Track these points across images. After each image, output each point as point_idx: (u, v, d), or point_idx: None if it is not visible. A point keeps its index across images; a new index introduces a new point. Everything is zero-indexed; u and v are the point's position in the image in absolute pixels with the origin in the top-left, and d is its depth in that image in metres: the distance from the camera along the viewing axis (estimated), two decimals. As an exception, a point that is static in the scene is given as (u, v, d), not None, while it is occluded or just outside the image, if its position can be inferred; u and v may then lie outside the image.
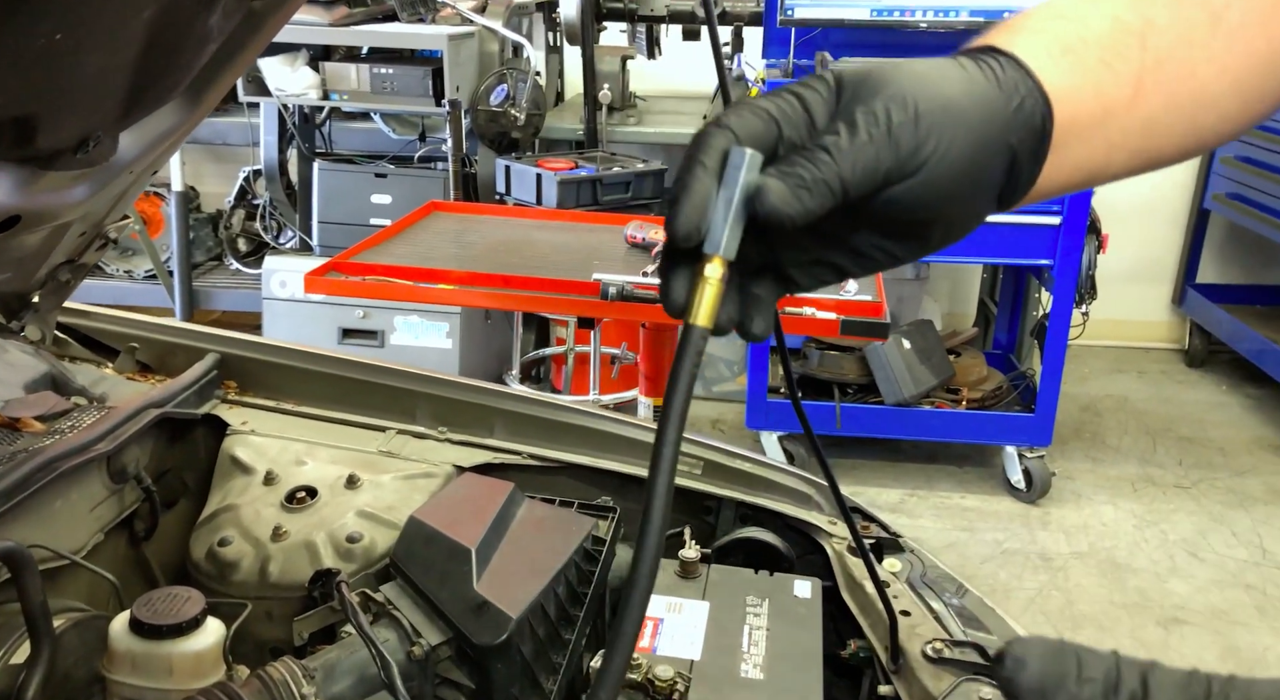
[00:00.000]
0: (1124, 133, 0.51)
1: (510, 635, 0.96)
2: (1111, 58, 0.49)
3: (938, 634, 1.07)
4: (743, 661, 1.03)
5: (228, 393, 1.32)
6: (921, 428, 3.18)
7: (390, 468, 1.23)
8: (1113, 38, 0.50)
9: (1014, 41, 0.49)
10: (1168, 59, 0.50)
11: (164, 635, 0.96)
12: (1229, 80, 0.52)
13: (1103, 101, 0.49)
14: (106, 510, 1.15)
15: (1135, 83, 0.50)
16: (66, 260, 1.21)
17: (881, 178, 0.44)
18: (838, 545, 1.24)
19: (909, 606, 1.12)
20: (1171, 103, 0.51)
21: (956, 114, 0.45)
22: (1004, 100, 0.46)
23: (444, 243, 2.05)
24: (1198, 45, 0.51)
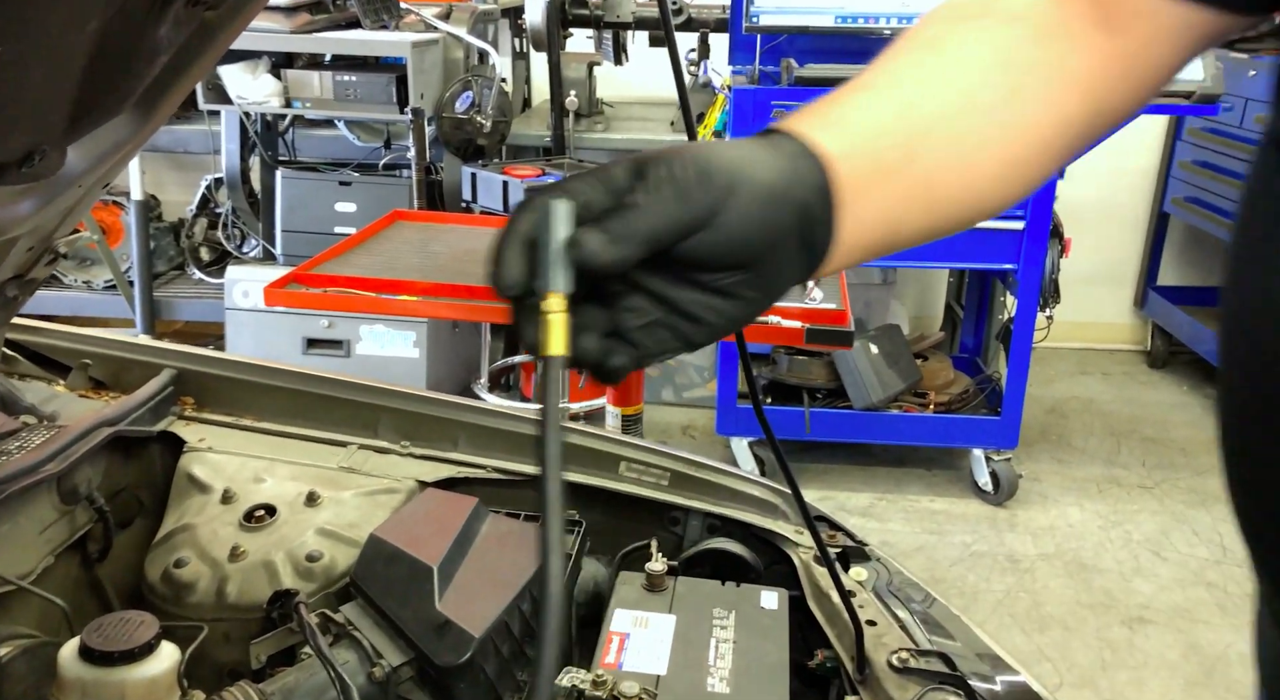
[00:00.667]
0: (908, 190, 0.57)
1: (473, 654, 0.94)
2: (881, 127, 0.56)
3: (904, 643, 1.07)
4: (709, 675, 1.02)
5: (184, 409, 1.30)
6: (890, 431, 3.20)
7: (351, 484, 1.22)
8: (880, 116, 0.57)
9: (789, 124, 0.56)
10: (932, 130, 0.57)
11: (115, 662, 0.93)
12: (989, 151, 0.59)
13: (880, 165, 0.56)
14: (57, 532, 1.12)
15: (907, 146, 0.57)
16: (14, 276, 1.18)
17: (683, 228, 0.50)
18: (804, 555, 1.24)
19: (875, 616, 1.12)
20: (944, 168, 0.58)
21: (741, 173, 0.51)
22: (785, 160, 0.53)
23: (408, 252, 2.03)
24: (956, 120, 0.58)
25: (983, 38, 0.60)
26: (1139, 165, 4.26)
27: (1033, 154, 0.61)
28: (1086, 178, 3.93)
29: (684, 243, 0.50)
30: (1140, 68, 0.62)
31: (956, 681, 1.01)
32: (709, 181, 0.50)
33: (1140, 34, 0.60)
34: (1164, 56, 0.62)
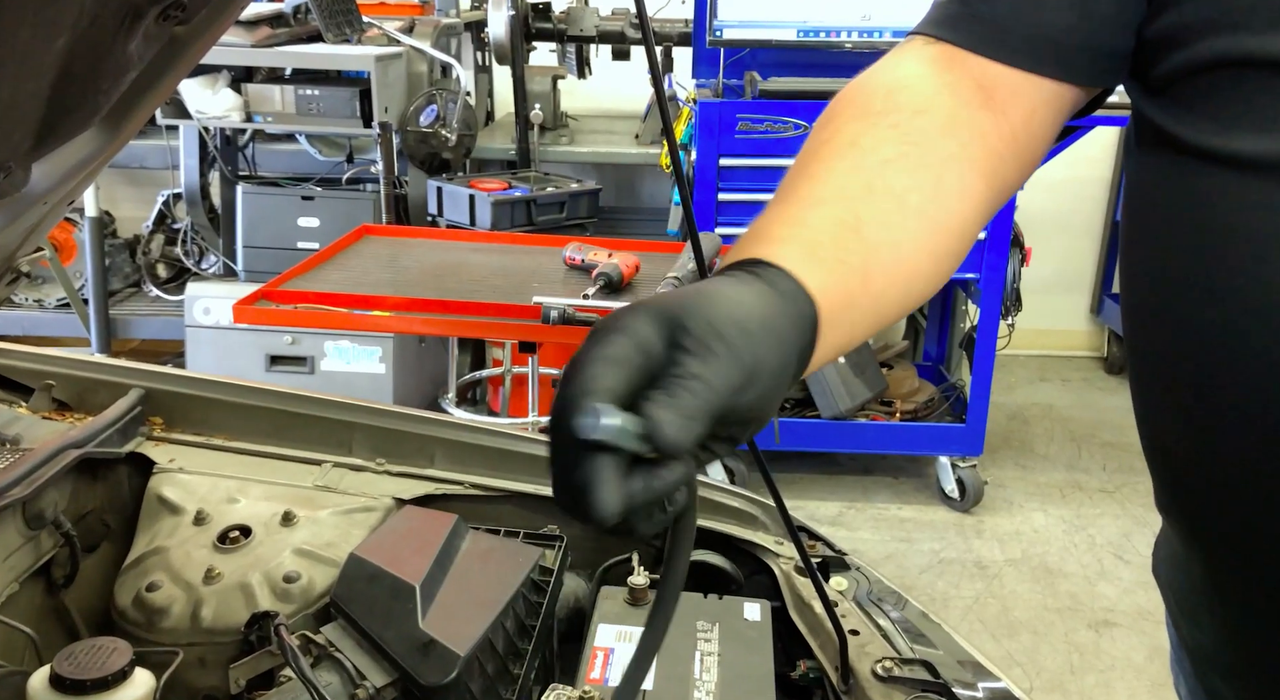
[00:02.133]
0: (863, 312, 0.61)
1: (459, 674, 0.93)
2: (844, 255, 0.59)
3: (886, 652, 1.08)
4: (695, 689, 1.02)
5: (153, 429, 1.27)
6: (857, 440, 3.23)
7: (327, 503, 1.20)
8: (840, 237, 0.59)
9: (772, 252, 0.57)
10: (880, 244, 0.61)
11: (87, 690, 0.91)
12: (924, 250, 0.64)
13: (847, 292, 0.59)
14: (21, 558, 1.09)
15: (864, 270, 0.60)
16: (-25, 295, 1.15)
17: (731, 401, 0.49)
18: (785, 565, 1.25)
19: (857, 625, 1.13)
20: (890, 279, 0.62)
21: (772, 328, 0.52)
22: (789, 310, 0.54)
23: (377, 267, 2.01)
24: (895, 228, 0.62)
25: (899, 137, 0.64)
26: (1094, 175, 4.37)
27: (954, 242, 0.66)
28: (1044, 188, 4.01)
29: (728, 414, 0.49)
30: (1024, 142, 0.68)
31: (940, 689, 1.02)
32: (750, 339, 0.49)
33: (1020, 111, 0.66)
34: (1042, 128, 0.68)
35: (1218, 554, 0.72)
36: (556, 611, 1.20)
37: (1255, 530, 0.65)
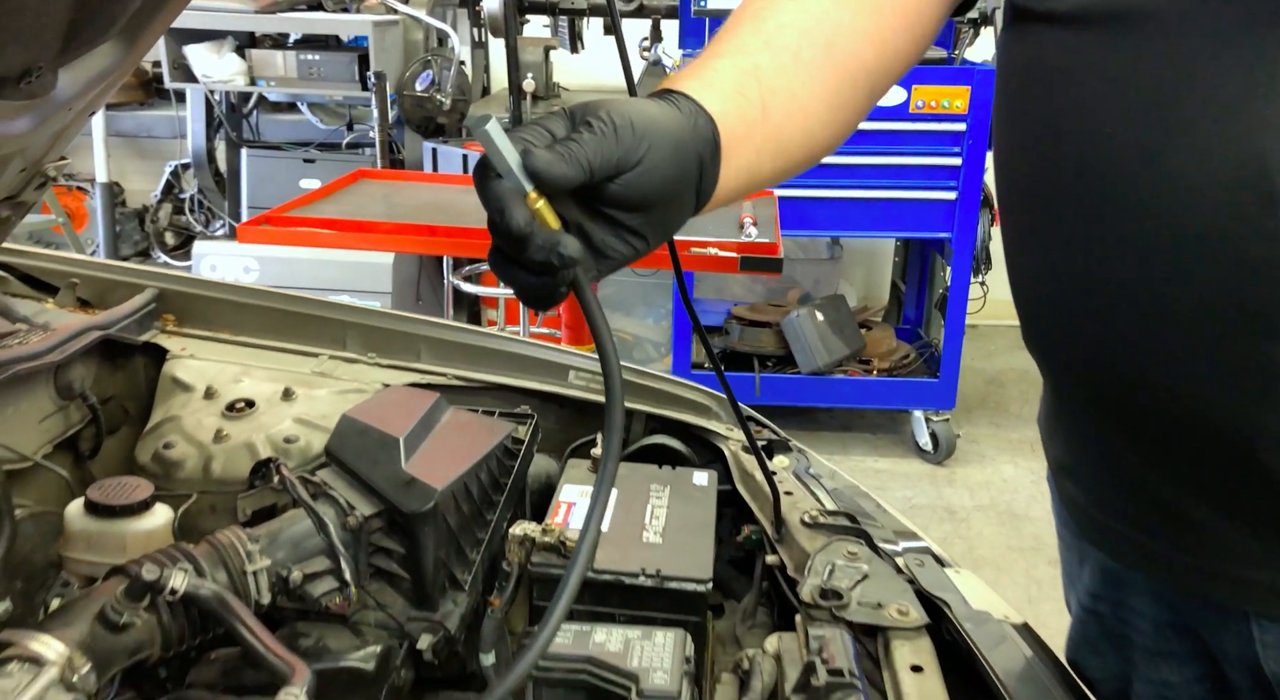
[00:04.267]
0: (764, 140, 0.72)
1: (436, 504, 1.07)
2: (743, 90, 0.71)
3: (814, 507, 1.22)
4: (645, 531, 1.16)
5: (166, 325, 1.41)
6: (835, 395, 3.37)
7: (323, 385, 1.34)
8: (738, 78, 0.71)
9: (681, 86, 0.69)
10: (777, 88, 0.72)
11: (117, 515, 1.05)
12: (817, 96, 0.75)
13: (746, 120, 0.70)
14: (54, 424, 1.23)
15: (761, 104, 0.71)
16: (6, 197, 1.29)
17: (614, 167, 0.60)
18: (733, 447, 1.39)
19: (792, 488, 1.27)
20: (788, 117, 0.73)
21: (661, 127, 0.62)
22: (688, 120, 0.65)
23: (372, 204, 2.15)
24: (789, 75, 0.73)
25: (796, 7, 0.76)
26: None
27: (847, 98, 0.78)
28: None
29: (611, 183, 0.60)
30: (913, 21, 0.80)
31: (859, 533, 1.16)
32: (636, 131, 0.60)
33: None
34: (930, 10, 0.80)
35: (1062, 378, 0.85)
36: (528, 485, 1.34)
37: (1084, 350, 0.79)
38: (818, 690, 0.89)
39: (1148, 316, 0.69)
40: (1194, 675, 0.83)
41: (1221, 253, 0.64)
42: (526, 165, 0.59)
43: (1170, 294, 0.67)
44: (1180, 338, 0.68)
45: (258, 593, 0.99)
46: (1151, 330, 0.69)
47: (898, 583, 1.08)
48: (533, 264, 0.61)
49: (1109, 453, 0.82)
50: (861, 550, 1.13)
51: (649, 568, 1.08)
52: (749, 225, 2.05)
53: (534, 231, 0.60)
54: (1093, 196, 0.71)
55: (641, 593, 1.08)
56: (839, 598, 1.04)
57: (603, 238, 0.63)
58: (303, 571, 1.03)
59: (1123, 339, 0.72)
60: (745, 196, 0.76)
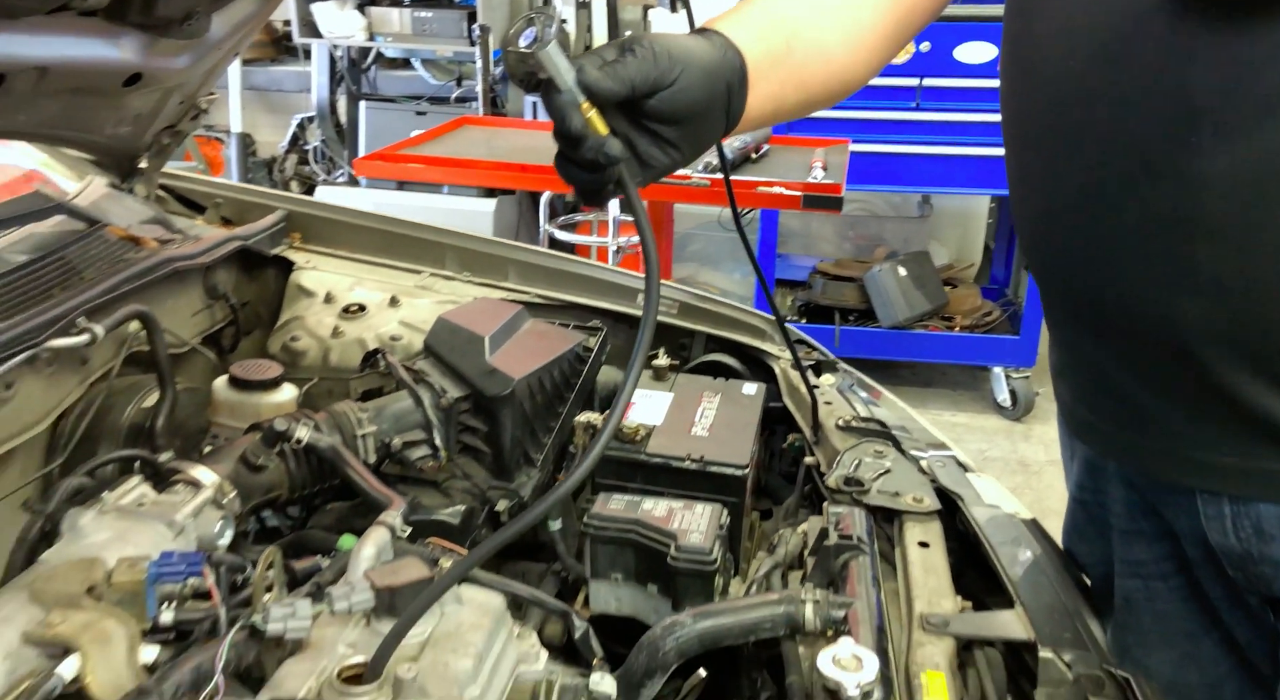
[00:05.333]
0: (788, 75, 0.85)
1: (513, 391, 1.25)
2: (769, 31, 0.84)
3: (850, 414, 1.34)
4: (693, 426, 1.31)
5: (293, 242, 1.63)
6: (915, 349, 3.43)
7: (424, 296, 1.53)
8: (768, 21, 0.85)
9: (717, 25, 0.83)
10: (801, 30, 0.86)
11: (254, 388, 1.27)
12: (837, 41, 0.88)
13: (771, 56, 0.83)
14: (203, 320, 1.47)
15: (786, 42, 0.85)
16: (167, 126, 1.52)
17: (653, 85, 0.73)
18: (784, 365, 1.52)
19: (832, 399, 1.40)
20: (809, 55, 0.86)
21: (694, 55, 0.76)
22: (719, 52, 0.79)
23: (473, 147, 2.34)
24: (812, 23, 0.87)
25: None
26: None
27: (867, 42, 0.91)
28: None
29: (649, 99, 0.74)
30: None
31: (887, 436, 1.28)
32: (672, 57, 0.74)
33: None
34: None
35: (1047, 289, 0.96)
36: (596, 389, 1.51)
37: (1058, 262, 0.89)
38: (828, 550, 1.04)
39: (1101, 228, 0.80)
40: (1161, 553, 0.94)
41: (1159, 167, 0.74)
42: (580, 81, 0.75)
43: (1120, 207, 0.78)
44: (1125, 245, 0.78)
45: (365, 453, 1.19)
46: (1105, 240, 0.80)
47: (918, 478, 1.20)
48: (584, 162, 0.76)
49: (1081, 353, 0.93)
50: (888, 450, 1.26)
51: (694, 454, 1.24)
52: (818, 169, 2.15)
53: (586, 134, 0.75)
54: (1062, 125, 0.82)
55: (686, 475, 1.23)
56: (860, 486, 1.17)
57: (646, 148, 0.78)
58: (402, 440, 1.23)
59: (1084, 251, 0.83)
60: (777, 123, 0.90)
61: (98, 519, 0.90)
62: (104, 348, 1.23)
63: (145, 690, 0.71)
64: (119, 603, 0.81)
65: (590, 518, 1.17)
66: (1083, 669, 0.84)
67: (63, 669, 0.74)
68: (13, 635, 0.76)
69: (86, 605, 0.79)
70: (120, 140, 1.43)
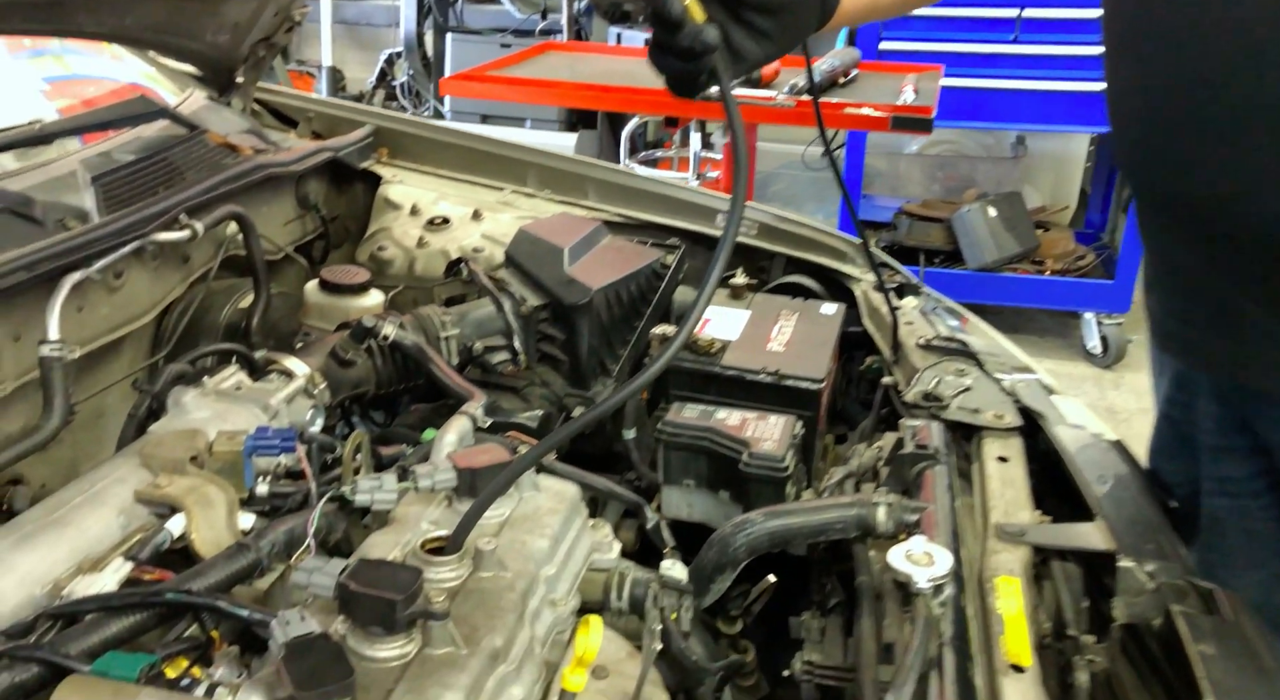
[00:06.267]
0: None
1: (591, 299, 1.26)
2: None
3: (931, 334, 1.32)
4: (770, 342, 1.31)
5: (381, 157, 1.66)
6: (1002, 293, 3.33)
7: (506, 211, 1.55)
8: None
9: None
10: None
11: (343, 292, 1.31)
12: None
13: None
14: (294, 229, 1.51)
15: None
16: (263, 37, 1.55)
17: None
18: (864, 287, 1.50)
19: (913, 320, 1.37)
20: None
21: None
22: None
23: (557, 71, 2.34)
24: None
25: None
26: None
27: None
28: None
29: None
30: None
31: (969, 355, 1.26)
32: None
33: None
34: None
35: (1142, 194, 0.92)
36: (672, 307, 1.51)
37: (1157, 162, 0.85)
38: (904, 459, 1.03)
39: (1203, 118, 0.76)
40: (1253, 470, 0.90)
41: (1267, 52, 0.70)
42: None
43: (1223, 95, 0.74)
44: (1226, 137, 0.74)
45: (448, 355, 1.22)
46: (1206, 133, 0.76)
47: (999, 395, 1.17)
48: (680, 50, 0.76)
49: (1176, 260, 0.89)
50: (969, 369, 1.23)
51: (770, 367, 1.23)
52: (908, 92, 2.08)
53: (684, 21, 0.75)
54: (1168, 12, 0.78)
55: (761, 388, 1.23)
56: (939, 401, 1.16)
57: (740, 40, 0.78)
58: (483, 344, 1.26)
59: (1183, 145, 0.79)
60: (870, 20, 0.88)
61: (199, 398, 0.95)
62: (203, 248, 1.29)
63: (244, 545, 0.75)
64: (219, 471, 0.86)
65: (664, 425, 1.18)
66: (1164, 578, 0.82)
67: (171, 525, 0.79)
68: (126, 494, 0.81)
69: (190, 471, 0.84)
70: (219, 49, 1.47)
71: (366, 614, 0.69)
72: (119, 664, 0.60)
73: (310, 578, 0.70)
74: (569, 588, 0.89)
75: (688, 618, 0.89)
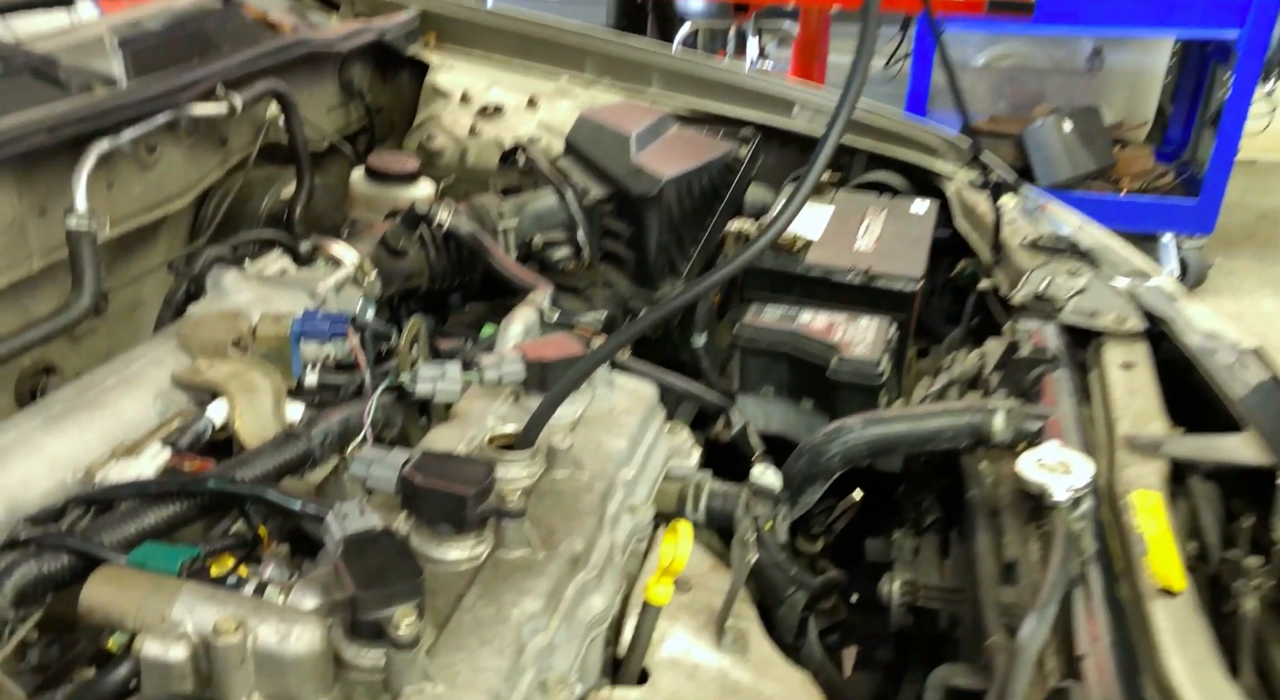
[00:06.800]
0: None
1: (662, 190, 1.15)
2: None
3: (1037, 233, 1.19)
4: (857, 240, 1.19)
5: (428, 42, 1.54)
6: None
7: (564, 99, 1.43)
8: None
9: None
10: None
11: (392, 181, 1.21)
12: None
13: None
14: (338, 118, 1.41)
15: None
16: (302, -91, 1.43)
17: None
18: (957, 185, 1.36)
19: (1015, 218, 1.24)
20: None
21: None
22: None
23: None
24: None
25: None
26: None
27: None
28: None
29: None
30: None
31: (1083, 255, 1.13)
32: None
33: None
34: None
35: None
36: (745, 207, 1.39)
37: None
38: (1019, 363, 0.92)
39: None
40: None
41: None
42: None
43: None
44: None
45: (506, 249, 1.12)
46: None
47: (1118, 298, 1.05)
48: None
49: None
50: (1083, 270, 1.10)
51: (860, 266, 1.12)
52: (1001, -25, 1.90)
53: None
54: None
55: (848, 290, 1.12)
56: (1052, 303, 1.04)
57: None
58: (543, 239, 1.16)
59: None
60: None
61: (241, 280, 0.87)
62: (241, 130, 1.19)
63: (293, 433, 0.67)
64: (264, 357, 0.77)
65: (742, 328, 1.08)
66: (1339, 495, 0.71)
67: (212, 412, 0.71)
68: (163, 377, 0.73)
69: (232, 356, 0.76)
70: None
71: (433, 511, 0.61)
72: (158, 556, 0.53)
73: (369, 470, 0.61)
74: (647, 494, 0.80)
75: (784, 528, 0.80)
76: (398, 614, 0.50)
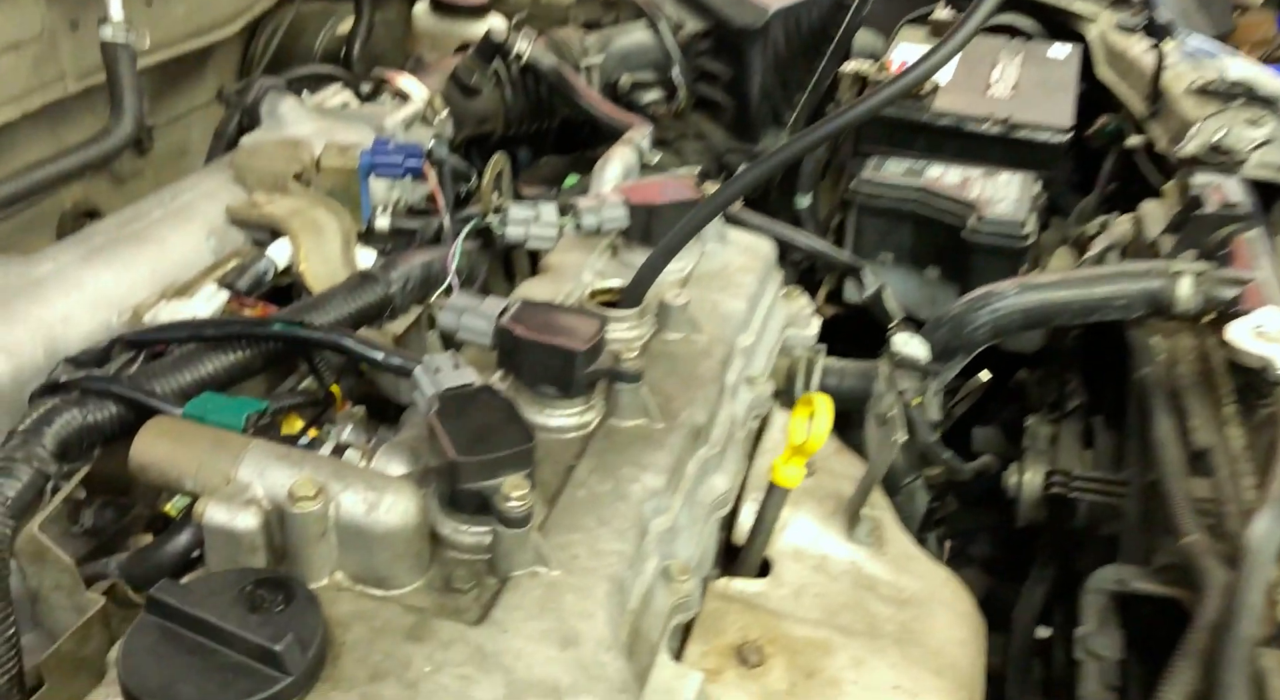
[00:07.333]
0: None
1: (768, 23, 1.00)
2: None
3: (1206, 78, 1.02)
4: (990, 87, 1.04)
5: None
6: (1184, 85, 2.87)
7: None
8: None
9: None
10: None
11: (459, 14, 1.07)
12: None
13: None
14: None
15: None
16: None
17: None
18: (1101, 28, 1.18)
19: (1177, 63, 1.07)
20: None
21: None
22: None
23: None
24: None
25: None
26: None
27: None
28: None
29: None
30: None
31: (1265, 102, 0.97)
32: None
33: None
34: None
35: None
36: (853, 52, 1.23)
37: None
38: (1203, 221, 0.78)
39: None
40: None
41: None
42: None
43: None
44: None
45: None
46: None
47: (1312, 152, 0.90)
48: None
49: None
50: (1266, 118, 0.94)
51: (998, 114, 0.97)
52: None
53: None
54: None
55: (984, 141, 0.98)
56: (1232, 155, 0.89)
57: None
58: (631, 79, 1.02)
59: None
60: None
61: (301, 109, 0.75)
62: (294, -47, 1.06)
63: (371, 275, 0.57)
64: (329, 193, 0.67)
65: (859, 184, 0.95)
66: None
67: (273, 252, 0.61)
68: (216, 211, 0.63)
69: (294, 190, 0.65)
70: None
71: (536, 369, 0.51)
72: (219, 408, 0.44)
73: (460, 319, 0.51)
74: (766, 364, 0.70)
75: (935, 404, 0.69)
76: (506, 485, 0.40)
